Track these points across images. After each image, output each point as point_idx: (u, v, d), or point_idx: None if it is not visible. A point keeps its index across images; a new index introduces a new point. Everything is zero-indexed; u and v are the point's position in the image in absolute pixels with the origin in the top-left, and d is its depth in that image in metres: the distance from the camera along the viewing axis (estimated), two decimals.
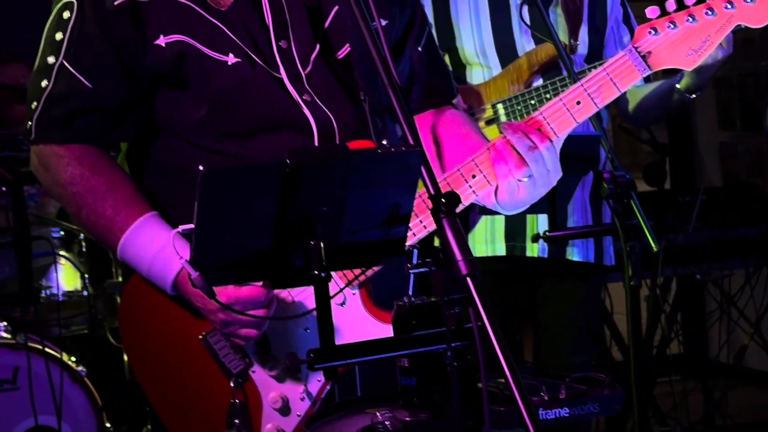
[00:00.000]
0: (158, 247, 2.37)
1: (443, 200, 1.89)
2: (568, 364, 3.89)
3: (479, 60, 3.76)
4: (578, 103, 2.39)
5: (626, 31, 3.90)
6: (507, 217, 3.61)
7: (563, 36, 3.74)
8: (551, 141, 2.38)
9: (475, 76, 3.77)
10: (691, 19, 2.38)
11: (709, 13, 2.37)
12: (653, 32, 2.39)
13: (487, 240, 3.76)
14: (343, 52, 2.51)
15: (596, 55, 3.77)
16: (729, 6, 2.37)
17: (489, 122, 3.72)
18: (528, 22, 3.74)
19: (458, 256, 1.84)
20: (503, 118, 3.73)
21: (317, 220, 1.87)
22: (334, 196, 1.87)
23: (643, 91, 3.85)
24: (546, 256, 3.74)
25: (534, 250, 3.74)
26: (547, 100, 3.65)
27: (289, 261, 1.90)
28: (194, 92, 2.41)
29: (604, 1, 3.88)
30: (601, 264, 3.87)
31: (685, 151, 9.42)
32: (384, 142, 2.49)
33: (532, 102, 3.71)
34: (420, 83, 2.69)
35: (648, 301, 5.40)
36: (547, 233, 3.55)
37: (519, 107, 3.72)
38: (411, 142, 2.00)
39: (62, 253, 4.93)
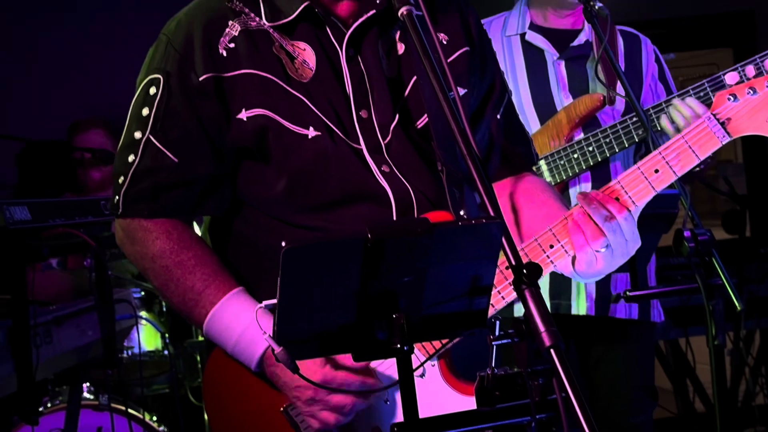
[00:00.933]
0: (244, 326, 2.39)
1: (525, 271, 1.88)
2: (629, 427, 3.84)
3: None
4: (656, 171, 2.37)
5: (662, 88, 3.91)
6: (552, 275, 3.63)
7: (601, 90, 3.75)
8: (629, 210, 2.37)
9: None
10: None
11: None
12: (732, 99, 2.37)
13: None
14: (422, 121, 2.51)
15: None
16: None
17: None
18: (566, 78, 3.76)
19: (541, 327, 1.84)
20: (546, 174, 3.74)
21: (399, 293, 1.88)
22: (416, 269, 1.87)
23: None
24: (593, 314, 3.72)
25: (580, 308, 3.72)
26: (590, 153, 3.68)
27: (371, 334, 1.91)
28: (274, 166, 2.43)
29: (639, 58, 3.91)
30: (648, 320, 3.84)
31: (764, 198, 9.32)
32: (461, 212, 2.49)
33: (575, 156, 3.72)
34: (499, 151, 2.69)
35: (732, 354, 5.33)
36: (628, 293, 3.52)
37: (561, 162, 3.73)
38: (491, 213, 2.00)
39: (143, 314, 4.99)
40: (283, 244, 1.79)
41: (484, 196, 2.03)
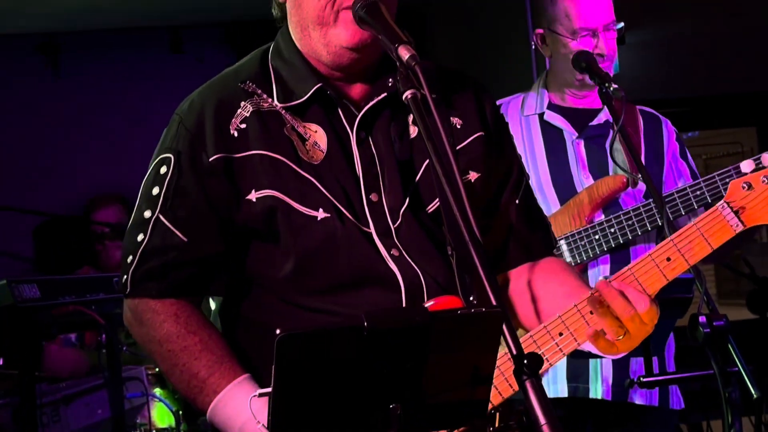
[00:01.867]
0: (245, 418, 2.35)
1: (525, 361, 1.85)
2: None
3: (536, 196, 3.77)
4: (668, 259, 2.35)
5: (684, 166, 3.90)
6: (569, 358, 3.60)
7: (622, 171, 3.74)
8: (645, 299, 2.34)
9: None
10: None
11: None
12: (747, 187, 2.34)
13: (549, 380, 3.70)
14: (433, 206, 2.49)
15: (658, 188, 3.75)
16: None
17: None
18: (585, 157, 3.75)
19: (542, 419, 1.80)
20: (566, 255, 3.73)
21: (396, 382, 1.85)
22: (414, 358, 1.84)
23: None
24: (610, 398, 3.67)
25: (597, 391, 3.67)
26: (611, 234, 3.66)
27: (369, 423, 1.87)
28: (283, 247, 2.42)
29: (660, 138, 3.91)
30: (667, 407, 3.78)
31: None
32: (471, 298, 2.46)
33: (596, 237, 3.70)
34: (518, 238, 2.66)
35: None
36: (641, 379, 3.48)
37: (582, 243, 3.72)
38: (493, 302, 1.97)
39: (157, 390, 4.95)
40: (278, 331, 1.76)
41: (486, 284, 2.00)
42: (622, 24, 3.84)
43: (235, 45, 8.03)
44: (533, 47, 6.87)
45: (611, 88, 3.55)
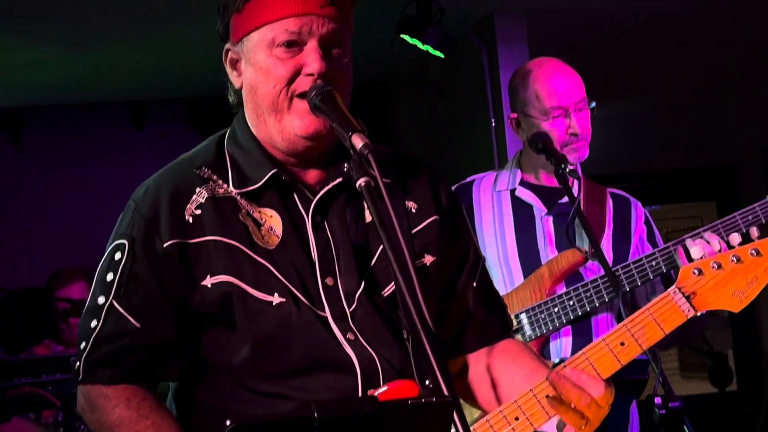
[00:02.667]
0: None
1: None
2: None
3: (501, 269, 3.80)
4: (622, 344, 2.37)
5: (650, 248, 3.93)
6: None
7: (579, 249, 3.77)
8: (599, 383, 2.35)
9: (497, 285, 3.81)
10: (735, 260, 2.35)
11: (754, 253, 2.35)
12: (697, 272, 2.37)
13: None
14: (389, 290, 2.49)
15: (618, 262, 3.79)
16: None
17: (514, 332, 3.72)
18: (554, 233, 3.78)
19: None
20: (526, 328, 3.74)
21: None
22: None
23: None
24: None
25: None
26: (570, 307, 3.68)
27: None
28: (239, 332, 2.42)
29: (628, 220, 3.94)
30: None
31: (749, 351, 9.30)
32: (427, 381, 2.46)
33: (555, 310, 3.72)
34: (476, 322, 2.66)
35: None
36: None
37: (542, 315, 3.74)
38: (444, 391, 1.97)
39: None
40: (228, 422, 1.76)
41: (438, 373, 2.00)
42: (594, 103, 3.89)
43: (197, 121, 8.07)
44: (493, 125, 6.97)
45: (567, 169, 3.58)
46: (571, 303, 3.72)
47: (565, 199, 3.89)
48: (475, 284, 2.67)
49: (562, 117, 3.85)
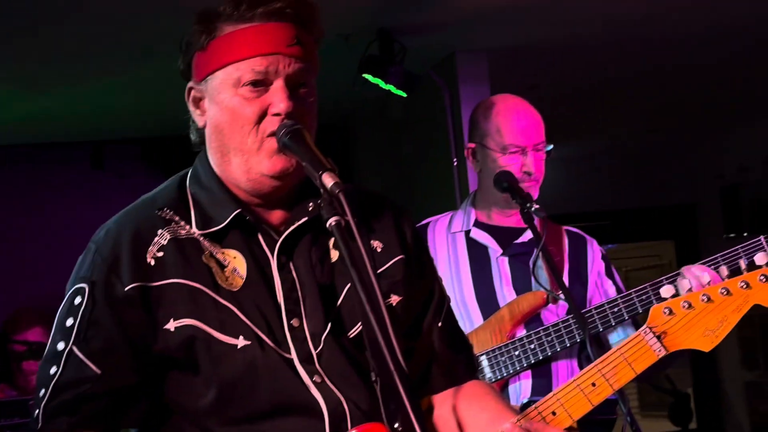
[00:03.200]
0: None
1: None
2: None
3: (460, 311, 3.78)
4: (593, 385, 2.35)
5: (610, 285, 3.93)
6: None
7: (543, 289, 3.77)
8: (568, 426, 2.33)
9: None
10: (706, 299, 2.35)
11: (725, 292, 2.34)
12: (668, 312, 2.36)
13: None
14: (355, 331, 2.46)
15: (579, 305, 3.77)
16: (744, 285, 2.34)
17: None
18: (510, 274, 3.77)
19: None
20: (486, 371, 3.72)
21: None
22: None
23: None
24: None
25: None
26: (531, 350, 3.67)
27: None
28: (203, 376, 2.37)
29: (584, 258, 3.94)
30: None
31: (710, 391, 9.34)
32: (396, 425, 2.42)
33: (516, 353, 3.72)
34: (441, 362, 2.63)
35: None
36: None
37: (502, 358, 3.73)
38: (417, 430, 1.93)
39: None
40: None
41: (411, 415, 1.98)
42: (551, 146, 3.90)
43: (157, 161, 8.03)
44: (455, 163, 6.98)
45: (533, 208, 3.58)
46: (532, 347, 3.71)
47: (521, 239, 3.89)
48: (440, 324, 2.65)
49: (519, 154, 3.86)
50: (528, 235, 3.90)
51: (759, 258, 2.45)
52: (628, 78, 8.12)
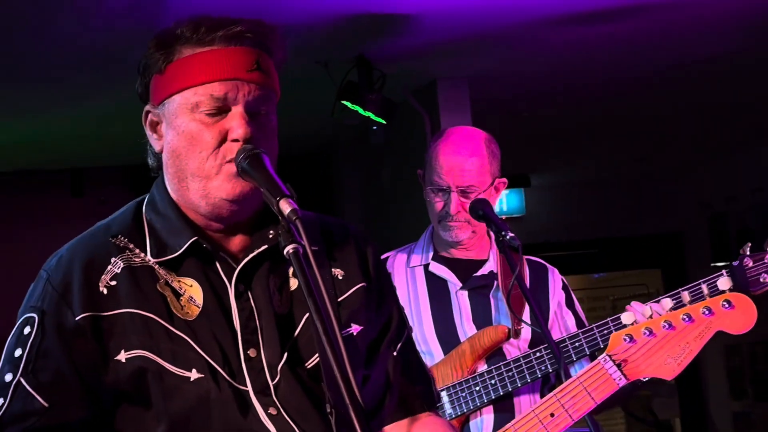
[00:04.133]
0: None
1: None
2: None
3: (420, 346, 3.73)
4: (552, 415, 2.31)
5: (570, 315, 3.90)
6: None
7: (505, 321, 3.74)
8: None
9: None
10: (667, 326, 2.31)
11: (686, 318, 2.30)
12: (628, 339, 2.32)
13: None
14: (312, 361, 2.41)
15: (541, 340, 3.69)
16: (707, 312, 2.30)
17: None
18: (470, 308, 3.73)
19: None
20: (447, 406, 3.69)
21: None
22: None
23: None
24: None
25: None
26: (491, 386, 3.65)
27: None
28: (154, 410, 2.31)
29: (545, 287, 3.90)
30: None
31: (697, 421, 9.31)
32: None
33: (477, 389, 3.69)
34: (394, 391, 2.58)
35: None
36: None
37: (463, 394, 3.70)
38: None
39: None
40: None
41: None
42: (505, 180, 3.87)
43: (137, 187, 7.99)
44: None
45: (507, 237, 3.53)
46: (493, 382, 3.68)
47: (481, 271, 3.86)
48: (395, 354, 2.59)
49: (441, 193, 3.82)
50: (488, 267, 3.88)
51: (722, 283, 2.40)
52: (614, 107, 8.11)
